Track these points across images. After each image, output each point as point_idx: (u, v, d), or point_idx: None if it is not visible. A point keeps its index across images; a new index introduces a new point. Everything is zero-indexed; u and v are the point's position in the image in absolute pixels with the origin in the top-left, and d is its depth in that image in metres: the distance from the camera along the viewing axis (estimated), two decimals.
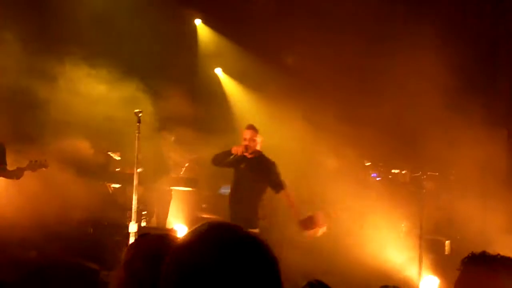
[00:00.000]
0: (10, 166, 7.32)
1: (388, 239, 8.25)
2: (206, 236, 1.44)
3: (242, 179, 6.81)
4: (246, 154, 6.72)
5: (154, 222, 8.89)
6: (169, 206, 9.03)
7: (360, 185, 9.11)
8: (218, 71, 11.12)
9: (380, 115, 9.03)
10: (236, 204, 6.79)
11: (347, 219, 8.65)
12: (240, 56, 10.45)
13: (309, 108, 9.25)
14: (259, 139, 6.85)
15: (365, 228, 8.50)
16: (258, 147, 6.85)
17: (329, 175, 8.86)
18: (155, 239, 2.21)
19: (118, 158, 8.86)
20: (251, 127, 6.87)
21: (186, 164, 9.42)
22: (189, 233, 1.49)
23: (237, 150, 6.70)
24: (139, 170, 6.17)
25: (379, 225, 8.48)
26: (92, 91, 8.20)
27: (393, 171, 9.90)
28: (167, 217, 9.01)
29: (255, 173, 6.77)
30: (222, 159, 6.86)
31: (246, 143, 6.74)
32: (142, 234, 2.32)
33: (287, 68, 9.50)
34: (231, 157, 6.75)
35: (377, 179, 9.96)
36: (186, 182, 9.18)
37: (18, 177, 7.28)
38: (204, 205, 9.81)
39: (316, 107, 9.14)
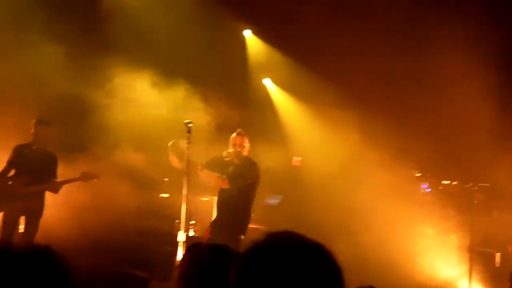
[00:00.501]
0: (63, 177, 7.45)
1: (438, 252, 8.12)
2: (281, 245, 1.47)
3: (230, 183, 6.82)
4: (235, 159, 6.80)
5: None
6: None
7: (410, 197, 8.99)
8: (267, 81, 11.16)
9: (431, 126, 8.92)
10: (224, 209, 6.85)
11: (396, 232, 8.55)
12: (289, 66, 10.47)
13: (359, 119, 9.20)
14: (247, 144, 6.96)
15: (415, 241, 8.38)
16: (245, 153, 6.96)
17: (380, 187, 8.77)
18: (209, 250, 2.21)
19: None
20: (240, 133, 6.95)
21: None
22: (259, 240, 1.50)
23: (229, 154, 6.80)
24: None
25: (428, 237, 8.36)
26: (143, 99, 8.32)
27: (443, 182, 9.73)
28: None
29: (243, 177, 6.82)
30: (214, 166, 6.87)
31: (237, 148, 6.84)
32: (193, 244, 2.31)
33: (337, 79, 9.44)
34: (225, 159, 6.83)
35: (427, 190, 9.80)
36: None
37: (56, 191, 7.36)
38: (251, 215, 9.82)
39: (367, 118, 9.09)
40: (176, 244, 6.16)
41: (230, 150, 6.84)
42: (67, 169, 7.65)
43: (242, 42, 10.98)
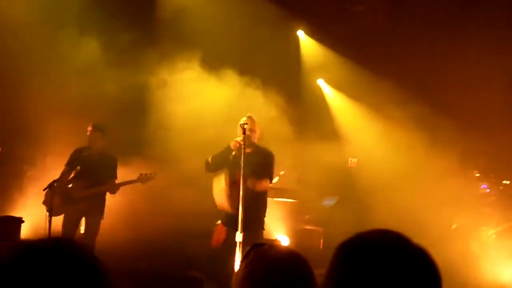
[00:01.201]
0: (121, 179, 7.56)
1: (498, 254, 7.92)
2: (381, 245, 1.44)
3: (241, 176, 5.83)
4: (244, 147, 5.80)
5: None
6: (275, 217, 9.04)
7: (470, 198, 8.79)
8: (321, 82, 11.10)
9: (491, 125, 8.72)
10: (236, 203, 5.81)
11: (456, 233, 8.38)
12: (343, 66, 10.38)
13: (417, 119, 9.05)
14: (258, 130, 6.32)
15: (475, 243, 8.19)
16: (256, 139, 6.29)
17: (439, 188, 8.61)
18: (276, 250, 2.12)
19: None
20: (250, 117, 6.18)
21: (281, 172, 9.43)
22: (354, 240, 1.48)
23: (236, 144, 6.09)
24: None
25: (489, 238, 8.16)
26: (201, 98, 8.38)
27: (504, 182, 9.48)
28: (274, 227, 9.03)
29: (255, 168, 6.05)
30: (221, 160, 6.25)
31: (247, 135, 5.92)
32: (257, 244, 2.23)
33: (394, 78, 9.31)
34: (232, 153, 6.15)
35: (487, 190, 9.56)
36: (290, 193, 9.21)
37: (114, 192, 7.50)
38: (307, 216, 9.80)
39: (425, 117, 8.95)
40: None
41: (239, 138, 6.00)
42: (124, 171, 7.77)
43: (295, 42, 10.96)
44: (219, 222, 6.52)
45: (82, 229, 7.38)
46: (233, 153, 6.22)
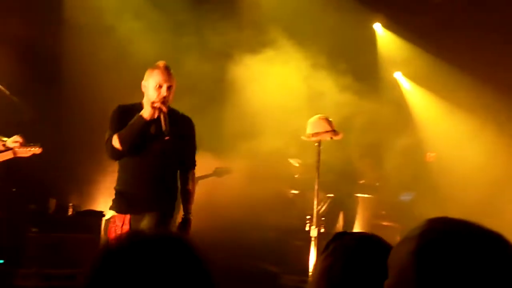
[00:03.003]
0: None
1: None
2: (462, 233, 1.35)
3: (154, 149, 4.62)
4: (162, 122, 4.52)
5: (339, 228, 8.85)
6: (355, 213, 8.95)
7: None
8: (398, 75, 10.89)
9: None
10: (145, 184, 4.63)
11: None
12: (422, 59, 10.13)
13: (501, 113, 8.76)
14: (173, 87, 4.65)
15: None
16: (171, 102, 4.69)
17: None
18: (357, 242, 2.04)
19: (297, 164, 8.97)
20: (166, 68, 4.59)
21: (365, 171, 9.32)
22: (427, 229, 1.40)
23: (152, 113, 4.50)
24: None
25: None
26: (278, 92, 8.35)
27: None
28: (354, 223, 8.93)
29: (173, 139, 4.64)
30: (131, 137, 4.51)
31: (164, 94, 4.52)
32: (338, 235, 2.13)
33: (477, 72, 9.02)
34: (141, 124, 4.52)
35: None
36: (366, 188, 9.07)
37: None
38: (383, 212, 9.63)
39: (509, 112, 8.66)
40: (306, 239, 6.14)
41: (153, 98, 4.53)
42: (200, 164, 7.85)
43: (372, 34, 10.79)
44: None
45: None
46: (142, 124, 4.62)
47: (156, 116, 4.54)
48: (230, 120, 8.41)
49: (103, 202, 8.01)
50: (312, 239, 5.99)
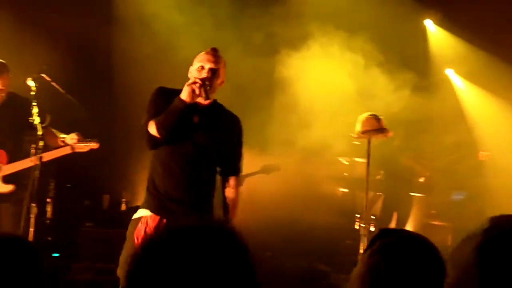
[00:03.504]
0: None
1: None
2: None
3: (194, 143, 4.12)
4: (201, 100, 4.07)
5: (391, 227, 8.78)
6: (408, 211, 8.87)
7: None
8: (450, 72, 10.72)
9: None
10: (183, 187, 4.11)
11: None
12: (475, 57, 9.95)
13: None
14: (222, 75, 4.20)
15: None
16: (214, 92, 4.20)
17: None
18: (405, 239, 2.00)
19: (346, 162, 8.93)
20: (213, 49, 4.18)
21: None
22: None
23: (190, 91, 3.97)
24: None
25: None
26: (326, 88, 8.30)
27: None
28: (406, 223, 8.85)
29: (215, 133, 4.19)
30: (169, 123, 4.00)
31: (204, 76, 4.04)
32: (384, 231, 2.11)
33: None
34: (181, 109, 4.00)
35: None
36: (418, 187, 8.97)
37: (240, 184, 7.49)
38: (433, 211, 9.50)
39: None
40: (356, 238, 6.13)
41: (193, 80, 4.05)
42: (247, 161, 7.87)
43: (422, 31, 10.65)
44: None
45: None
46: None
47: (196, 95, 3.97)
48: (277, 117, 8.41)
49: None
50: (362, 238, 5.97)
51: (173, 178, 4.09)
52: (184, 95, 3.97)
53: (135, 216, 4.18)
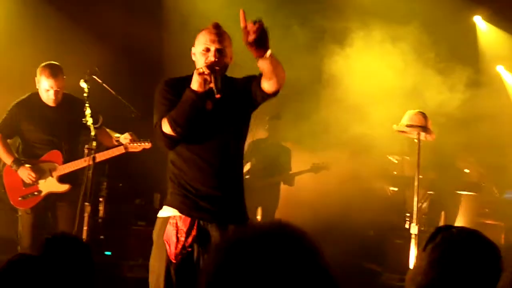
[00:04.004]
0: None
1: None
2: None
3: (214, 132, 3.73)
4: (212, 83, 3.53)
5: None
6: (457, 210, 8.75)
7: None
8: (501, 68, 10.53)
9: None
10: (214, 182, 3.70)
11: None
12: None
13: None
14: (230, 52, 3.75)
15: None
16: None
17: None
18: (463, 236, 2.04)
19: (396, 161, 8.85)
20: (216, 27, 3.72)
21: (466, 170, 9.07)
22: None
23: (200, 81, 3.53)
24: None
25: None
26: (376, 86, 8.24)
27: None
28: (454, 221, 8.72)
29: (232, 109, 3.78)
30: (184, 118, 3.57)
31: (211, 59, 3.60)
32: (443, 227, 2.13)
33: None
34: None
35: None
36: (469, 186, 8.83)
37: (291, 184, 7.62)
38: (486, 210, 9.34)
39: None
40: (406, 237, 6.06)
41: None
42: (296, 160, 7.88)
43: (471, 27, 10.49)
44: None
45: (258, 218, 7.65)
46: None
47: (208, 82, 3.54)
48: (326, 115, 8.37)
49: None
50: (412, 237, 5.90)
51: (202, 174, 3.68)
52: (195, 86, 3.55)
53: (162, 215, 3.78)
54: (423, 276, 1.98)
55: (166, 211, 3.76)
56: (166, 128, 3.58)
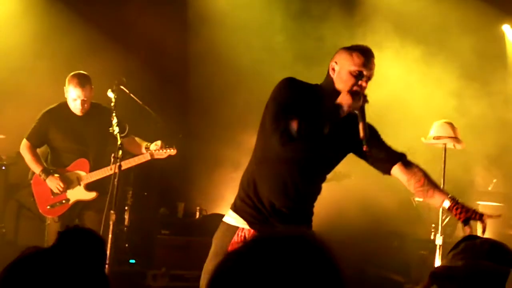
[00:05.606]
0: None
1: None
2: None
3: (318, 157, 3.60)
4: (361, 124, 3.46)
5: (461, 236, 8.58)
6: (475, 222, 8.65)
7: None
8: None
9: None
10: (292, 202, 3.59)
11: None
12: None
13: None
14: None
15: None
16: None
17: None
18: (488, 246, 2.03)
19: None
20: (372, 54, 3.54)
21: (494, 180, 8.97)
22: None
23: (351, 103, 3.38)
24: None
25: None
26: (401, 95, 8.20)
27: None
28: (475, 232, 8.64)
29: (341, 151, 3.74)
30: (315, 128, 3.37)
31: (364, 85, 3.46)
32: (468, 236, 2.15)
33: None
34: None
35: None
36: (494, 196, 8.74)
37: None
38: None
39: None
40: (431, 248, 6.02)
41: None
42: None
43: (500, 36, 10.40)
44: None
45: None
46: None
47: (355, 106, 3.37)
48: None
49: (228, 206, 8.22)
50: (437, 248, 5.86)
51: (285, 195, 3.55)
52: (346, 105, 3.35)
53: (229, 221, 3.65)
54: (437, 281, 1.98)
55: (234, 220, 3.62)
56: (293, 128, 3.28)
